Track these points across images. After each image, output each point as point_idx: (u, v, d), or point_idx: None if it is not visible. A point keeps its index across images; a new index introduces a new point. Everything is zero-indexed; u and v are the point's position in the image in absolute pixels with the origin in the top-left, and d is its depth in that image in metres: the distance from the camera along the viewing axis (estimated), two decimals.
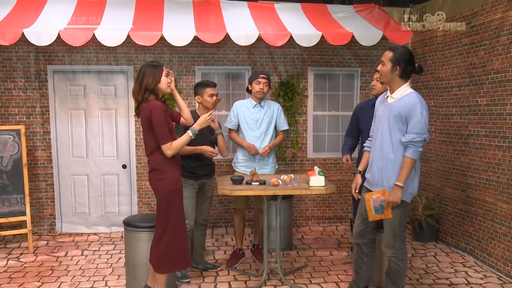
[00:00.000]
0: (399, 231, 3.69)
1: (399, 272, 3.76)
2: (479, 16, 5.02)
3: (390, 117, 3.62)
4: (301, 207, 6.60)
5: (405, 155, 3.51)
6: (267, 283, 4.50)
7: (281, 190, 4.17)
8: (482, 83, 4.98)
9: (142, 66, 3.77)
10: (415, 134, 3.47)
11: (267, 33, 5.34)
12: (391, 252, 3.73)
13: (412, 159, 3.49)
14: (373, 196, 3.62)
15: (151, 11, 5.63)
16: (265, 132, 5.01)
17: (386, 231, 3.77)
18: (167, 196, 3.68)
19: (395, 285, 3.82)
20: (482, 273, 4.82)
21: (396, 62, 3.57)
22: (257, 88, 4.91)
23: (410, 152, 3.49)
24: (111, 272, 4.88)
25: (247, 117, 4.99)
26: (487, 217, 4.94)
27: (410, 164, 3.50)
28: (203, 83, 4.69)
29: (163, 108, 3.63)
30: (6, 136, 5.50)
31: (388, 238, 3.73)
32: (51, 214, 6.22)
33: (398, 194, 3.53)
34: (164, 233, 3.72)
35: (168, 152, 3.62)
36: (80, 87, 6.18)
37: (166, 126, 3.60)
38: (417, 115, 3.47)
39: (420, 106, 3.49)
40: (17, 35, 4.92)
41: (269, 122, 5.03)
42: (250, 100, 5.06)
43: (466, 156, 5.27)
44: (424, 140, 3.49)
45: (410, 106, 3.50)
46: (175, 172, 3.75)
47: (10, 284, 4.56)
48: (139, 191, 6.31)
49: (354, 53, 6.49)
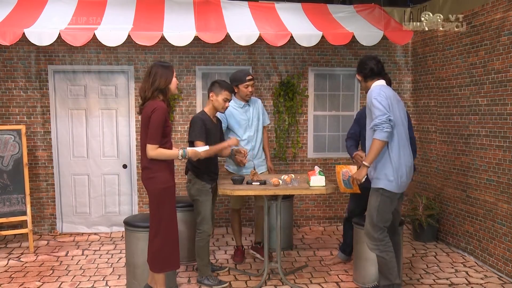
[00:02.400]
0: (376, 221, 3.82)
1: (386, 264, 3.87)
2: (480, 16, 5.02)
3: (368, 115, 3.93)
4: (301, 207, 6.60)
5: (373, 137, 3.71)
6: (268, 283, 4.50)
7: (281, 190, 4.17)
8: (483, 83, 4.98)
9: (153, 65, 3.74)
10: (376, 119, 3.68)
11: (267, 33, 5.35)
12: (373, 243, 3.88)
13: (378, 140, 3.66)
14: (343, 169, 3.90)
15: (152, 11, 5.63)
16: (257, 130, 5.00)
17: (366, 218, 3.94)
18: (158, 194, 3.69)
19: (387, 279, 3.91)
20: (482, 273, 4.82)
21: (356, 74, 4.06)
22: (247, 91, 4.85)
23: (376, 134, 3.68)
24: (111, 272, 4.88)
25: (239, 118, 4.91)
26: (488, 217, 4.94)
27: (376, 145, 3.68)
28: (223, 84, 4.48)
29: (166, 110, 3.64)
30: (7, 136, 5.50)
31: (367, 225, 3.92)
32: (51, 214, 6.23)
33: (362, 172, 3.78)
34: (157, 233, 3.73)
35: (150, 153, 3.61)
36: (81, 87, 6.18)
37: (160, 129, 3.60)
38: (372, 102, 3.74)
39: (373, 94, 3.77)
40: (18, 35, 4.92)
41: (258, 119, 5.03)
42: (236, 100, 4.94)
43: (467, 156, 5.27)
44: (385, 121, 3.63)
45: (368, 99, 3.81)
46: (166, 171, 3.74)
47: (10, 283, 4.57)
48: (140, 191, 6.31)
49: (355, 53, 6.49)
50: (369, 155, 3.72)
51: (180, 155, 3.74)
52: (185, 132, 6.26)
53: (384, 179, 3.77)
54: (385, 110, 3.67)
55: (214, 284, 4.42)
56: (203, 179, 4.41)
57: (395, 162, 3.77)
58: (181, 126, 6.27)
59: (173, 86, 3.76)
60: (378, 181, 3.80)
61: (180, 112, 6.27)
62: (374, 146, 3.68)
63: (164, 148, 3.66)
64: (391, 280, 3.89)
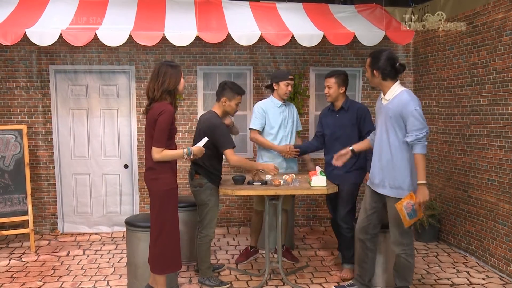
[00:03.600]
0: (406, 228, 3.75)
1: (409, 268, 3.87)
2: (481, 16, 5.01)
3: (386, 119, 3.74)
4: (302, 207, 6.60)
5: (415, 153, 3.58)
6: (269, 283, 4.50)
7: (282, 190, 4.16)
8: (484, 83, 4.97)
9: (161, 65, 3.70)
10: (417, 131, 3.55)
11: (268, 33, 5.34)
12: (400, 249, 3.82)
13: (422, 154, 3.57)
14: (403, 203, 3.63)
15: (153, 11, 5.63)
16: (291, 131, 5.01)
17: (392, 229, 3.84)
18: (162, 196, 3.67)
19: (405, 281, 3.92)
20: (484, 274, 4.82)
21: (372, 68, 3.81)
22: (286, 89, 4.88)
23: (418, 148, 3.56)
24: (112, 271, 4.88)
25: (276, 117, 4.94)
26: (489, 217, 4.93)
27: (422, 160, 3.58)
28: (235, 89, 4.42)
29: (172, 113, 3.62)
30: (8, 136, 5.51)
31: (396, 236, 3.81)
32: (53, 214, 6.23)
33: (425, 192, 3.57)
34: (159, 235, 3.72)
35: (156, 156, 3.60)
36: (82, 87, 6.19)
37: (167, 132, 3.59)
38: (412, 113, 3.55)
39: (413, 103, 3.58)
40: (19, 35, 4.93)
41: (292, 121, 5.04)
42: (274, 99, 4.98)
43: (468, 156, 5.26)
44: (426, 133, 3.57)
45: (402, 105, 3.60)
46: (171, 173, 3.74)
47: (12, 283, 4.57)
48: (141, 190, 6.32)
49: (356, 53, 6.48)
50: (421, 172, 3.56)
51: (185, 153, 3.74)
52: (186, 132, 6.26)
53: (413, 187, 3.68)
54: (425, 122, 3.59)
55: (216, 284, 4.41)
56: (215, 183, 4.38)
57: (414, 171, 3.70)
58: (182, 126, 6.27)
59: (181, 87, 3.75)
60: (401, 191, 3.69)
61: (181, 112, 6.27)
62: (420, 161, 3.56)
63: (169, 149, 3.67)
64: (409, 282, 3.93)
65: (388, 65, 3.72)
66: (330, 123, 4.74)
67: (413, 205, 3.61)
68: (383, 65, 3.73)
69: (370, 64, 3.83)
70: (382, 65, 3.73)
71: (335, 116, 4.71)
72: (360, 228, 4.09)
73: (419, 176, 3.59)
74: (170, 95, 3.68)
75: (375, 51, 3.89)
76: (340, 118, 4.66)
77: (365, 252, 4.11)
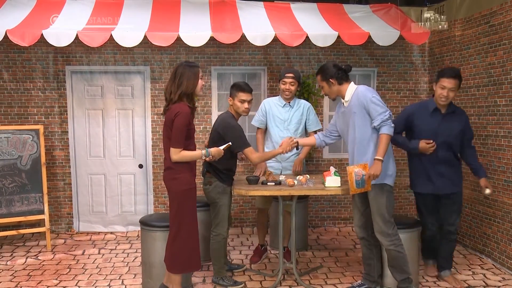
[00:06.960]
0: (388, 217, 3.91)
1: (402, 258, 3.96)
2: (498, 15, 4.95)
3: (352, 117, 3.97)
4: (316, 207, 6.58)
5: (381, 133, 3.80)
6: (282, 284, 4.50)
7: (296, 190, 4.16)
8: (501, 83, 4.91)
9: (179, 66, 3.73)
10: (381, 115, 3.79)
11: (283, 33, 5.34)
12: (387, 240, 3.93)
13: (388, 135, 3.78)
14: (355, 169, 3.80)
15: (168, 12, 5.67)
16: (293, 134, 4.87)
17: (375, 218, 3.96)
18: (181, 196, 3.70)
19: (404, 272, 3.98)
20: (500, 276, 4.76)
21: (326, 79, 4.05)
22: (283, 88, 4.87)
23: (385, 129, 3.78)
24: (127, 271, 4.92)
25: (276, 116, 4.92)
26: (506, 218, 4.87)
27: (386, 140, 3.78)
28: (238, 86, 4.40)
29: (189, 114, 3.66)
30: (25, 136, 5.58)
31: (379, 224, 3.94)
32: (68, 213, 6.30)
33: (378, 167, 3.76)
34: (177, 234, 3.74)
35: (174, 157, 3.64)
36: (98, 87, 6.24)
37: (184, 133, 3.62)
38: (371, 100, 3.83)
39: (369, 93, 3.89)
40: (36, 36, 4.99)
41: (298, 122, 4.95)
42: (280, 98, 4.99)
43: (484, 157, 5.20)
44: (390, 116, 3.81)
45: (361, 98, 3.89)
46: (189, 172, 3.76)
47: (28, 281, 4.63)
48: (155, 190, 6.35)
49: (371, 53, 6.45)
50: (381, 149, 3.77)
51: (204, 155, 3.78)
52: (200, 132, 6.28)
53: (388, 175, 3.93)
54: (385, 106, 3.85)
55: (230, 284, 4.42)
56: (225, 182, 4.38)
57: (393, 160, 4.00)
58: (197, 127, 6.26)
59: (198, 88, 3.78)
60: (384, 177, 3.89)
61: (196, 112, 6.23)
62: (385, 140, 3.78)
63: (187, 150, 3.69)
64: (408, 273, 3.99)
65: (337, 70, 4.00)
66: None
67: (363, 175, 3.77)
68: (333, 71, 4.00)
69: (322, 77, 4.07)
70: (332, 72, 4.00)
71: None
72: (359, 227, 4.23)
73: (378, 152, 3.79)
74: (188, 97, 3.70)
75: (319, 68, 4.15)
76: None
77: (369, 249, 4.23)
